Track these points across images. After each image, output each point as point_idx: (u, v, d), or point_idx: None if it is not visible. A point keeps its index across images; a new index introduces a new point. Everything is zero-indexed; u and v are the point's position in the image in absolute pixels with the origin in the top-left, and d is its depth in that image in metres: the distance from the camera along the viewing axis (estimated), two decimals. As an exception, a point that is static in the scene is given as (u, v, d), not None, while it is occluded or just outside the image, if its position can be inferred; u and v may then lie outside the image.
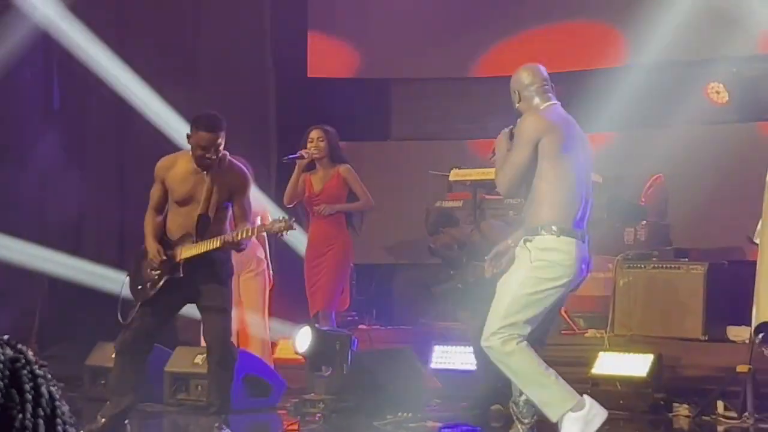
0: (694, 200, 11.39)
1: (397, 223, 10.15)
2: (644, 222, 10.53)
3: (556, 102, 7.13)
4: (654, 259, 10.21)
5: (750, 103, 11.65)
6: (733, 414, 8.44)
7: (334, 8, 13.68)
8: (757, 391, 8.35)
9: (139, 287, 7.85)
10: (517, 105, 7.09)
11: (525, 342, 6.75)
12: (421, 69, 13.41)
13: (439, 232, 9.00)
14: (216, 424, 7.77)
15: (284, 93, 13.31)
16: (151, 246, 7.74)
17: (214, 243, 7.60)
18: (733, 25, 11.24)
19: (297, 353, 9.21)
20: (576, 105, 12.29)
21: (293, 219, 7.95)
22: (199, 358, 9.46)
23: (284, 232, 7.84)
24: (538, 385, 6.75)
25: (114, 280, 10.28)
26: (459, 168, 10.95)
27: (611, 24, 12.40)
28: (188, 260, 7.63)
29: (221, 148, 7.64)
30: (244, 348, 9.77)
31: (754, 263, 8.29)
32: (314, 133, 9.42)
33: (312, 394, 8.83)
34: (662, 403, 8.79)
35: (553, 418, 6.70)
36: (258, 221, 8.76)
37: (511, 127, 6.99)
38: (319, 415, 8.62)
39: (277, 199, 10.59)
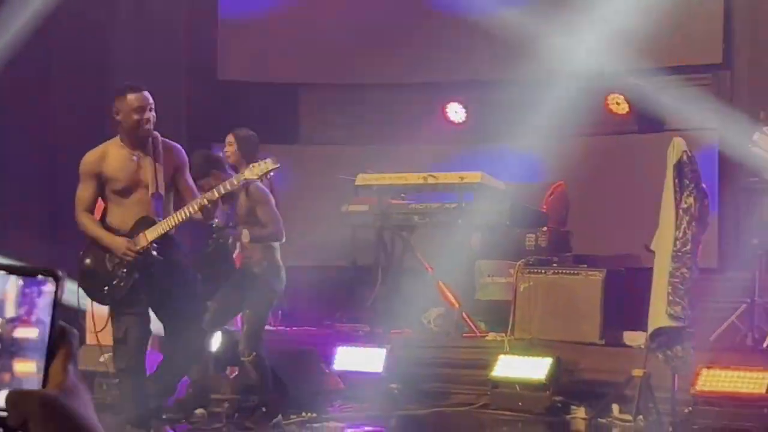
0: (594, 208, 11.62)
1: (304, 225, 10.21)
2: (545, 228, 10.59)
3: None
4: (554, 264, 10.29)
5: (649, 114, 11.79)
6: (628, 417, 8.50)
7: (246, 12, 13.60)
8: (651, 396, 8.38)
9: (106, 288, 7.37)
10: None
11: None
12: (329, 75, 13.42)
13: (209, 174, 8.90)
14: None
15: (195, 94, 13.19)
16: (116, 241, 7.27)
17: (185, 212, 7.31)
18: (633, 39, 11.32)
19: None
20: (484, 114, 12.68)
21: (275, 158, 7.71)
22: (105, 357, 9.10)
23: (271, 172, 7.64)
24: None
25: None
26: (366, 173, 11.03)
27: (520, 37, 12.32)
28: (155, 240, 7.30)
29: (153, 107, 7.38)
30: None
31: (650, 270, 8.44)
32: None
33: (219, 394, 8.81)
34: (560, 405, 8.92)
35: None
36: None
37: None
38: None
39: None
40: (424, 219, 11.07)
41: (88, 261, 7.40)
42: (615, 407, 8.78)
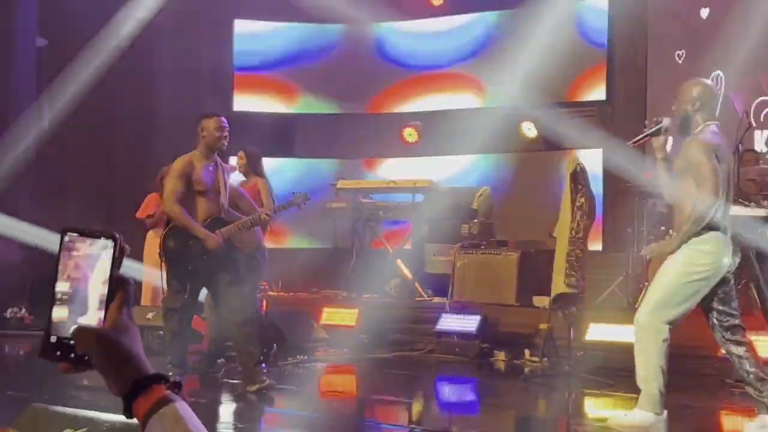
0: (512, 205, 11.83)
1: (298, 218, 10.06)
2: (475, 220, 10.75)
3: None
4: (482, 247, 10.44)
5: (552, 137, 11.98)
6: (536, 359, 8.75)
7: (253, 64, 13.54)
8: (553, 346, 8.48)
9: (191, 266, 7.20)
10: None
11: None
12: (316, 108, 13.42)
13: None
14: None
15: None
16: (211, 237, 7.11)
17: (250, 221, 7.39)
18: (540, 81, 11.64)
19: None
20: (431, 136, 12.69)
21: (308, 193, 7.76)
22: (150, 315, 9.30)
23: (303, 204, 7.67)
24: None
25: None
26: (343, 179, 11.36)
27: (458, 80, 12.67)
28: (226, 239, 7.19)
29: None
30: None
31: (552, 252, 8.44)
32: (239, 153, 8.86)
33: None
34: (486, 350, 9.09)
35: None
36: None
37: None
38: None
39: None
40: (386, 213, 11.36)
41: (171, 243, 7.20)
42: (527, 352, 8.98)
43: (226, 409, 7.30)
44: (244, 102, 13.36)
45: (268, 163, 9.35)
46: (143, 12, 11.84)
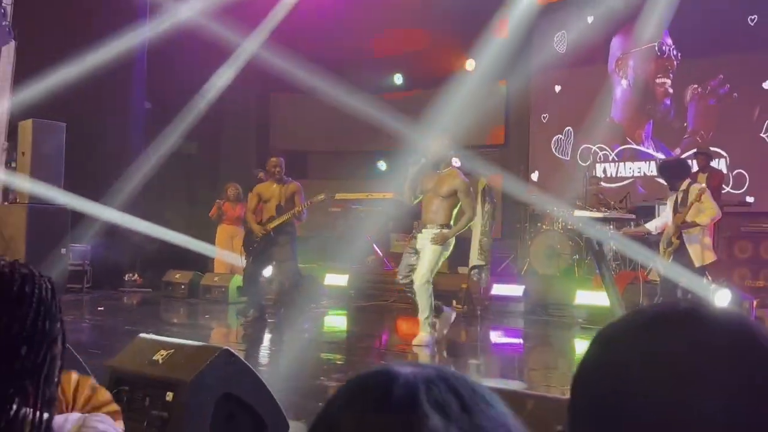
0: None
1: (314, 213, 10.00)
2: None
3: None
4: None
5: (470, 166, 11.54)
6: (459, 306, 8.42)
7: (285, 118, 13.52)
8: (470, 298, 8.43)
9: (251, 248, 7.45)
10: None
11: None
12: (321, 146, 13.05)
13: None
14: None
15: (259, 153, 12.78)
16: (256, 227, 7.37)
17: (286, 216, 7.29)
18: (459, 128, 10.89)
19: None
20: (396, 166, 12.13)
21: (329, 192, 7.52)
22: (217, 278, 9.42)
23: (322, 200, 7.47)
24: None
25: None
26: (340, 192, 10.73)
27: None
28: (273, 228, 7.31)
29: (281, 165, 7.41)
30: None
31: (470, 239, 8.21)
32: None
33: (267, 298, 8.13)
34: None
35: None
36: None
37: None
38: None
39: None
40: (366, 214, 11.08)
41: (245, 234, 7.80)
42: (454, 302, 8.47)
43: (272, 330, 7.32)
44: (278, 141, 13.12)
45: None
46: (223, 81, 11.57)
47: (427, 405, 0.53)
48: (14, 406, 0.99)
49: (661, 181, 6.96)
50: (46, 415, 1.02)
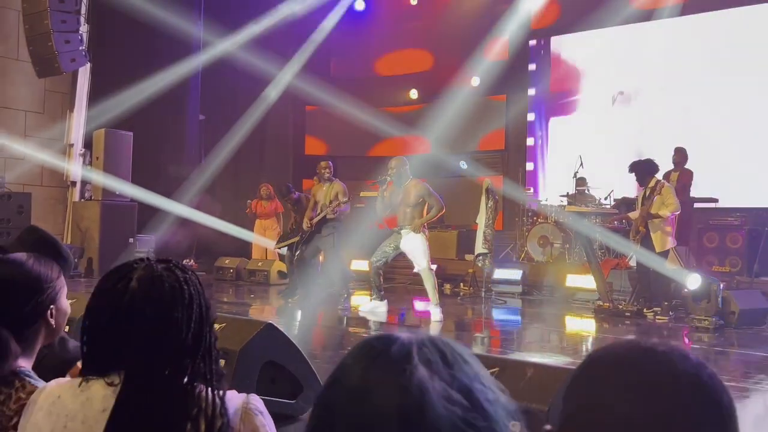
0: (452, 204, 10.65)
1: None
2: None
3: None
4: (437, 228, 9.63)
5: (475, 168, 11.33)
6: (466, 288, 8.43)
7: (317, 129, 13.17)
8: (476, 281, 8.33)
9: (300, 236, 7.35)
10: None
11: None
12: (343, 150, 12.65)
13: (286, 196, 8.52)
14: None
15: (296, 159, 12.60)
16: (306, 222, 7.28)
17: (322, 214, 7.15)
18: (463, 131, 11.02)
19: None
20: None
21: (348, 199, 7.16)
22: (260, 263, 9.21)
23: (343, 204, 7.12)
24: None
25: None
26: (363, 191, 10.76)
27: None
28: (316, 222, 7.17)
29: (330, 167, 7.23)
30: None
31: (475, 231, 8.14)
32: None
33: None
34: (440, 283, 7.82)
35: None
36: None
37: None
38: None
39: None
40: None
41: (291, 225, 7.85)
42: (461, 284, 8.61)
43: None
44: (308, 149, 12.94)
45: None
46: (273, 95, 11.51)
47: (417, 360, 0.58)
48: (187, 380, 1.01)
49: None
50: (220, 393, 1.04)
